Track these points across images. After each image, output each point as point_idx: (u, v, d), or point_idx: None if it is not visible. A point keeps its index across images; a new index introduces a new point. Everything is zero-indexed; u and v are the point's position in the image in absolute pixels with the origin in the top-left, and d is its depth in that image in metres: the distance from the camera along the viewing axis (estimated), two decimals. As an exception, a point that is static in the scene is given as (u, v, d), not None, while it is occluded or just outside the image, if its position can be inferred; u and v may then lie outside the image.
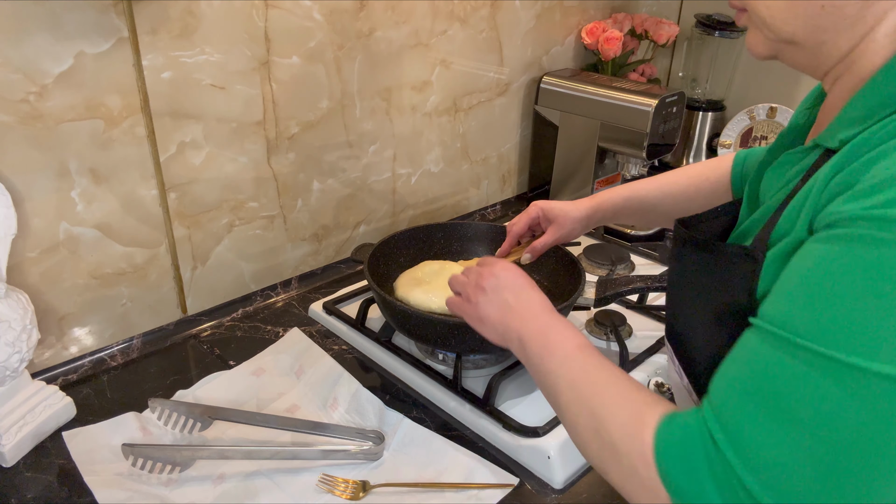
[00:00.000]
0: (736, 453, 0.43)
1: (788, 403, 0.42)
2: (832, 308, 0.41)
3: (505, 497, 0.76)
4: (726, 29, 1.52)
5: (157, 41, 0.89)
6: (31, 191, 0.85)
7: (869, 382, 0.40)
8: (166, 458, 0.77)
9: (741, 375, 0.45)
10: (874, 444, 0.40)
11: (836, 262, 0.42)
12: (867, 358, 0.39)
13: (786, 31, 0.51)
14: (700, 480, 0.45)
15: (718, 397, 0.46)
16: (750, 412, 0.44)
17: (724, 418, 0.45)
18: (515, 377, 0.93)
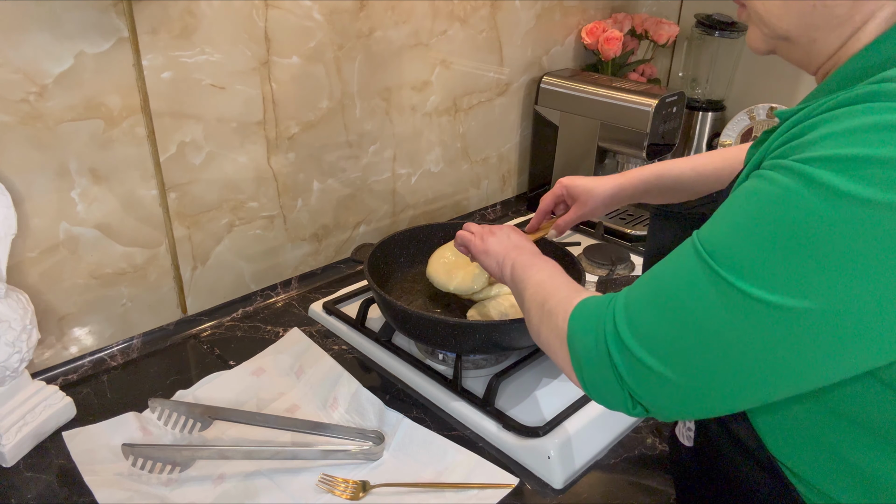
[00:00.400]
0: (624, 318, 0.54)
1: (679, 297, 0.51)
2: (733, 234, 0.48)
3: (505, 497, 0.76)
4: (726, 29, 1.52)
5: (157, 41, 0.89)
6: (31, 191, 0.85)
7: (747, 303, 0.46)
8: (166, 458, 0.77)
9: (661, 269, 0.54)
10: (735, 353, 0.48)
11: (749, 195, 0.48)
12: (754, 284, 0.46)
13: (780, 28, 0.54)
14: (587, 327, 0.57)
15: (638, 281, 0.56)
16: (649, 293, 0.53)
17: (630, 294, 0.55)
18: (515, 377, 0.93)
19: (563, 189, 0.96)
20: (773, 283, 0.45)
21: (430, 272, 1.03)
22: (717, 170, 0.89)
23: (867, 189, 0.41)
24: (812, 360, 0.46)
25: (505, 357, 0.96)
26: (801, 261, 0.44)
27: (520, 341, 0.90)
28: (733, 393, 0.50)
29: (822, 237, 0.43)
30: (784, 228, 0.45)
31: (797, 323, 0.45)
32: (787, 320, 0.45)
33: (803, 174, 0.44)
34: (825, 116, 0.46)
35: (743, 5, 0.58)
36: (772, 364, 0.47)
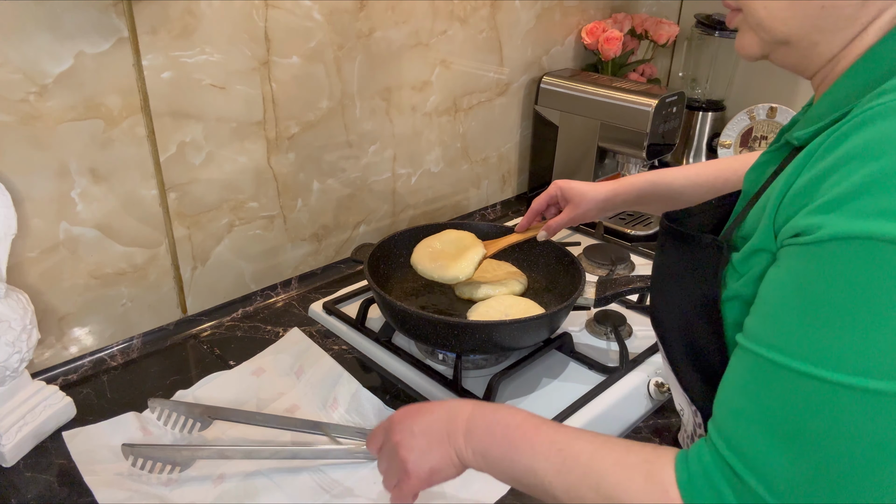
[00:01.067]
0: (757, 479, 0.44)
1: (791, 423, 0.43)
2: (816, 326, 0.42)
3: (505, 496, 0.76)
4: (726, 29, 1.52)
5: (157, 41, 0.89)
6: (31, 191, 0.85)
7: (856, 397, 0.41)
8: (166, 458, 0.77)
9: (742, 401, 0.46)
10: (874, 454, 0.41)
11: (813, 282, 0.43)
12: (852, 374, 0.41)
13: (782, 32, 0.51)
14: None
15: (726, 427, 0.47)
16: (759, 438, 0.45)
17: (737, 448, 0.46)
18: (515, 377, 0.93)
19: (558, 190, 0.95)
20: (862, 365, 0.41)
21: (415, 260, 1.00)
22: (710, 180, 0.88)
23: None
24: None
25: (505, 357, 0.96)
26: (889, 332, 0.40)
27: (520, 341, 0.90)
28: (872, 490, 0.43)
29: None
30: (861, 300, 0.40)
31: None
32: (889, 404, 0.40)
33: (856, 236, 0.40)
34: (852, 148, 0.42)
35: (737, 9, 0.54)
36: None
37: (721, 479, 0.46)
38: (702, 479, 0.47)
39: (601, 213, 0.94)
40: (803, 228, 0.44)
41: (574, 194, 0.93)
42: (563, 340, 0.97)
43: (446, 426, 0.59)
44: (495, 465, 0.57)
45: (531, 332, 0.89)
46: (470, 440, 0.58)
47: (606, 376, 0.92)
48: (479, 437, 0.58)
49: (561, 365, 0.96)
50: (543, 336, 0.92)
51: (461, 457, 0.59)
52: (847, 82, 0.49)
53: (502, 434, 0.56)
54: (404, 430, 0.61)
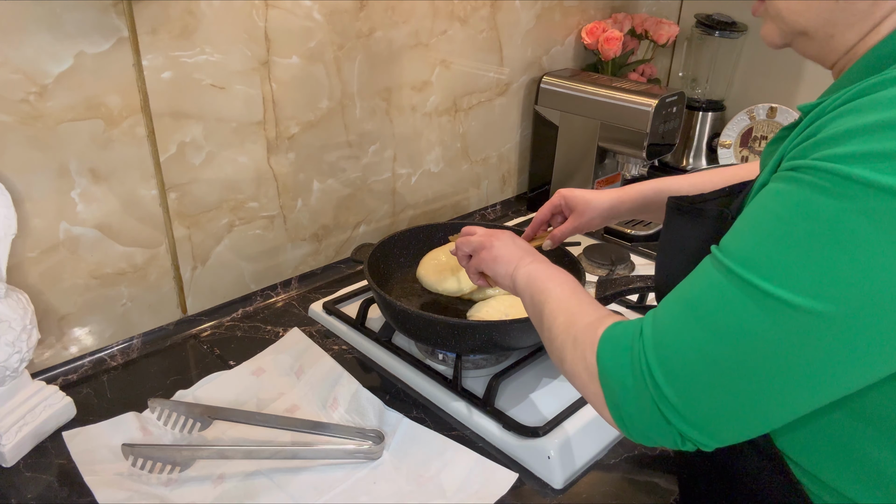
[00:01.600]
0: (653, 344, 0.51)
1: (707, 311, 0.49)
2: (758, 238, 0.47)
3: (505, 496, 0.76)
4: (726, 29, 1.52)
5: (157, 41, 0.89)
6: (31, 191, 0.85)
7: (774, 307, 0.45)
8: (166, 458, 0.77)
9: (686, 285, 0.52)
10: (771, 364, 0.46)
11: (773, 197, 0.48)
12: (783, 288, 0.45)
13: (799, 24, 0.55)
14: (620, 364, 0.53)
15: (662, 303, 0.54)
16: (675, 313, 0.51)
17: (657, 317, 0.53)
18: (515, 377, 0.93)
19: (562, 199, 0.95)
20: (810, 287, 0.44)
21: (421, 273, 1.04)
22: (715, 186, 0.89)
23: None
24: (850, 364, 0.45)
25: (505, 357, 0.96)
26: (838, 263, 0.43)
27: (520, 341, 0.90)
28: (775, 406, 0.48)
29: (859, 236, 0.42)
30: (819, 228, 0.44)
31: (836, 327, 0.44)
32: (818, 323, 0.44)
33: (835, 173, 0.43)
34: (848, 107, 0.46)
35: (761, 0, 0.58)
36: (808, 369, 0.46)
37: (629, 335, 0.54)
38: (619, 329, 0.56)
39: (606, 221, 0.94)
40: (789, 163, 0.48)
41: (578, 203, 0.93)
42: (563, 340, 0.96)
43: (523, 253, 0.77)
44: (532, 285, 0.71)
45: (531, 332, 0.89)
46: (534, 263, 0.75)
47: (606, 376, 0.91)
48: (538, 267, 0.74)
49: (561, 365, 0.96)
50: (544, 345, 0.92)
51: (517, 271, 0.75)
52: (857, 66, 0.52)
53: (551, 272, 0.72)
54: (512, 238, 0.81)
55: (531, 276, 0.72)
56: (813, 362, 0.45)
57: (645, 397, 0.51)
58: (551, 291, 0.68)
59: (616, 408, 0.54)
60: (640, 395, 0.52)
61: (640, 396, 0.52)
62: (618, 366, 0.54)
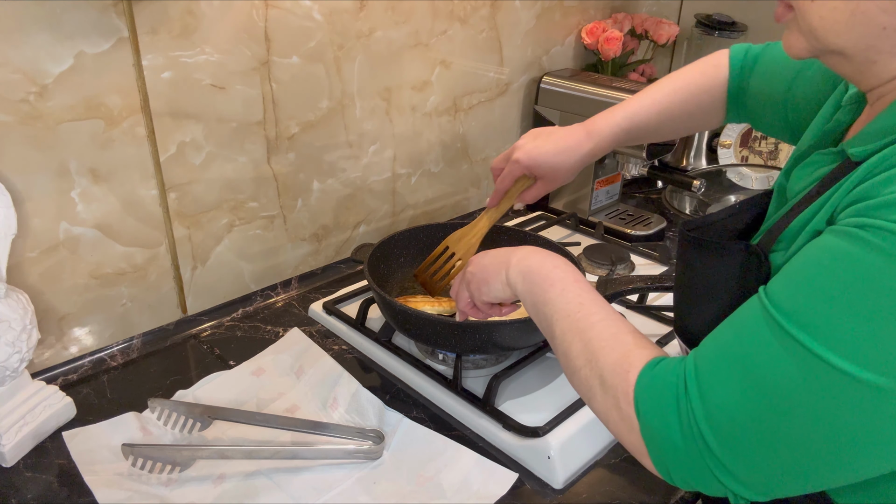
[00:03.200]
0: (700, 401, 0.48)
1: (757, 370, 0.46)
2: (819, 301, 0.44)
3: (505, 496, 0.76)
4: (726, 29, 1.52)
5: (157, 41, 0.89)
6: (31, 191, 0.85)
7: (833, 377, 0.43)
8: (166, 458, 0.77)
9: (728, 337, 0.49)
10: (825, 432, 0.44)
11: (837, 258, 0.44)
12: (845, 358, 0.42)
13: (835, 44, 0.49)
14: (667, 420, 0.50)
15: (703, 352, 0.51)
16: (723, 369, 0.48)
17: (700, 370, 0.49)
18: (515, 377, 0.93)
19: (524, 170, 0.88)
20: (864, 356, 0.42)
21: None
22: (683, 107, 0.85)
23: None
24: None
25: (505, 357, 0.96)
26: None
27: (520, 341, 0.90)
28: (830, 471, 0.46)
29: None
30: (887, 300, 0.41)
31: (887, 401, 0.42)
32: (877, 397, 0.42)
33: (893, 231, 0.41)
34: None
35: (788, 6, 0.51)
36: (862, 441, 0.43)
37: (671, 389, 0.50)
38: (658, 381, 0.51)
39: (578, 172, 0.89)
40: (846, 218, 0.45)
41: (546, 172, 0.87)
42: (563, 340, 0.96)
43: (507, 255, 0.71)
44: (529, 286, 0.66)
45: (531, 332, 0.89)
46: (520, 263, 0.69)
47: (606, 376, 0.91)
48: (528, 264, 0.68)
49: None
50: (543, 336, 0.92)
51: (509, 272, 0.70)
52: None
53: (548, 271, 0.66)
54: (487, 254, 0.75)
55: (526, 277, 0.68)
56: (870, 433, 0.43)
57: (695, 456, 0.49)
58: (556, 304, 0.62)
59: (662, 463, 0.51)
60: (690, 454, 0.49)
61: (689, 455, 0.49)
62: (665, 425, 0.50)
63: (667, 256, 1.27)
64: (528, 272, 0.68)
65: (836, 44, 0.49)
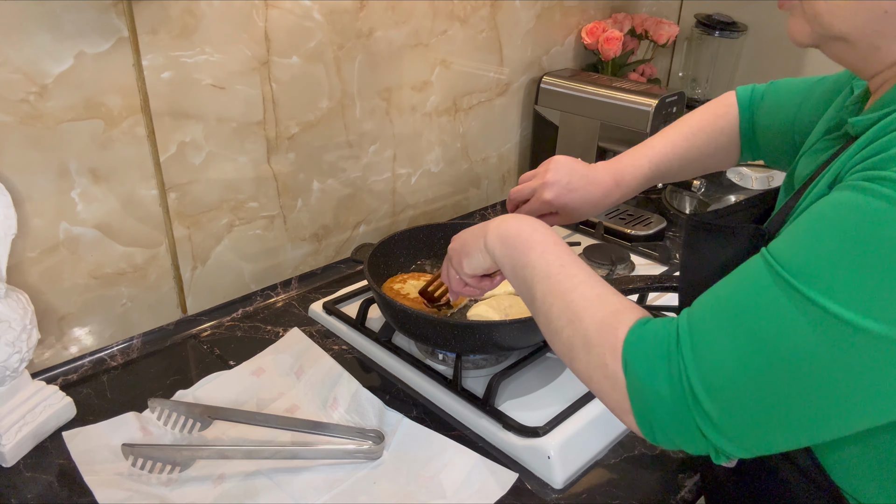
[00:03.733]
0: (692, 353, 0.47)
1: (755, 324, 0.45)
2: (823, 252, 0.43)
3: (505, 496, 0.76)
4: (726, 29, 1.52)
5: (157, 41, 0.89)
6: (31, 191, 0.85)
7: (837, 328, 0.42)
8: (166, 458, 0.77)
9: (726, 293, 0.49)
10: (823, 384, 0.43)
11: (841, 209, 0.44)
12: (846, 307, 0.42)
13: (839, 30, 0.50)
14: (655, 373, 0.49)
15: (698, 304, 0.50)
16: (717, 321, 0.47)
17: (694, 323, 0.49)
18: (515, 377, 0.93)
19: (552, 209, 0.89)
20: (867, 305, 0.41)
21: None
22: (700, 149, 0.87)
23: None
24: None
25: (505, 357, 0.96)
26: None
27: (520, 341, 0.90)
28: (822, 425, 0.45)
29: None
30: (886, 245, 0.40)
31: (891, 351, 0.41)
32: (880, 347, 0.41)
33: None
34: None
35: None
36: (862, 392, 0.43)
37: (662, 344, 0.49)
38: (649, 335, 0.51)
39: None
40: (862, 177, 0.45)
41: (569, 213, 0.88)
42: (563, 340, 0.96)
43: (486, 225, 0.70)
44: (508, 250, 0.65)
45: (531, 332, 0.89)
46: (498, 228, 0.68)
47: (606, 376, 0.91)
48: (507, 227, 0.67)
49: (561, 365, 0.96)
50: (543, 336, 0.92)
51: (486, 239, 0.69)
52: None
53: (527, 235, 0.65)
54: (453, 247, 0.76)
55: (503, 242, 0.66)
56: (869, 385, 0.43)
57: (682, 411, 0.48)
58: (536, 266, 0.61)
59: (646, 419, 0.50)
60: (677, 408, 0.48)
61: (677, 410, 0.48)
62: (652, 378, 0.49)
63: (667, 256, 1.27)
64: (506, 237, 0.66)
65: (840, 29, 0.49)
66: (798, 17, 0.53)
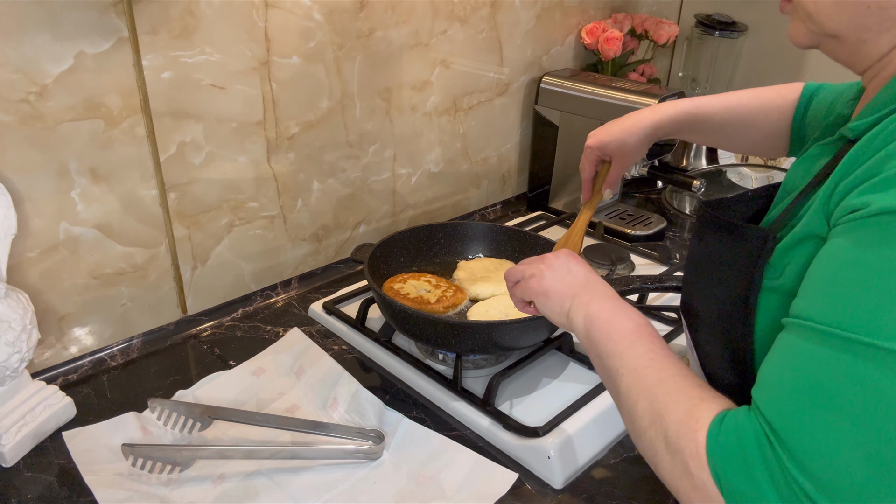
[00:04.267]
0: (789, 453, 0.44)
1: (835, 395, 0.42)
2: (870, 298, 0.42)
3: (505, 496, 0.76)
4: (726, 29, 1.52)
5: (157, 41, 0.89)
6: (31, 191, 0.85)
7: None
8: (166, 458, 0.77)
9: (788, 374, 0.46)
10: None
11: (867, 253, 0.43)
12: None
13: (829, 27, 0.52)
14: (756, 482, 0.45)
15: (766, 399, 0.47)
16: (799, 409, 0.44)
17: (775, 418, 0.45)
18: (515, 377, 0.93)
19: (597, 152, 0.90)
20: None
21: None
22: (751, 113, 0.86)
23: None
24: None
25: (505, 357, 0.96)
26: None
27: (520, 341, 0.90)
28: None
29: None
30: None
31: None
32: None
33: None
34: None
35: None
36: None
37: (753, 447, 0.45)
38: (733, 439, 0.46)
39: (647, 149, 0.90)
40: (857, 205, 0.44)
41: (614, 150, 0.89)
42: (562, 340, 0.97)
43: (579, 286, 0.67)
44: (594, 334, 0.62)
45: (531, 332, 0.89)
46: (592, 303, 0.64)
47: (606, 376, 0.91)
48: (598, 307, 0.64)
49: (561, 365, 0.96)
50: (543, 336, 0.92)
51: (572, 310, 0.66)
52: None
53: (620, 322, 0.61)
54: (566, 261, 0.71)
55: (591, 323, 0.63)
56: None
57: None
58: (622, 357, 0.58)
59: None
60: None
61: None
62: (754, 487, 0.45)
63: (667, 256, 1.27)
64: (595, 319, 0.63)
65: (831, 26, 0.52)
66: (795, 21, 0.55)
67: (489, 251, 1.15)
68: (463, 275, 1.08)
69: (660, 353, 0.57)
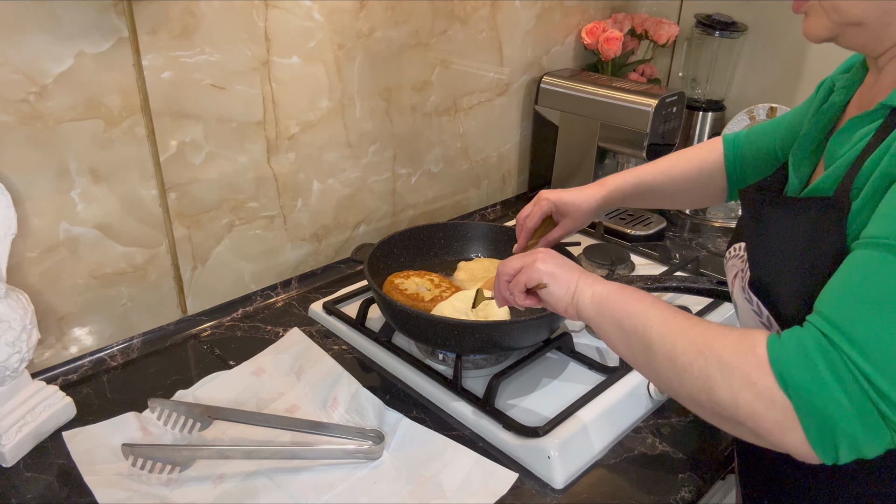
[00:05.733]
0: (854, 347, 0.48)
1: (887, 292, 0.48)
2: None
3: (505, 496, 0.76)
4: (726, 29, 1.52)
5: (157, 41, 0.89)
6: (31, 191, 0.85)
7: None
8: (166, 458, 0.77)
9: (850, 283, 0.50)
10: None
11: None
12: None
13: (856, 15, 0.57)
14: (822, 378, 0.48)
15: (828, 306, 0.51)
16: (861, 310, 0.49)
17: (838, 321, 0.49)
18: (515, 377, 0.93)
19: (551, 206, 0.96)
20: None
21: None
22: (685, 172, 0.94)
23: None
24: None
25: (505, 357, 0.96)
26: None
27: (520, 341, 0.90)
28: None
29: None
30: None
31: None
32: None
33: None
34: None
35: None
36: None
37: (814, 347, 0.49)
38: (793, 346, 0.50)
39: (593, 219, 0.98)
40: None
41: (570, 209, 0.95)
42: (562, 340, 0.97)
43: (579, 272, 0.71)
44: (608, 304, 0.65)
45: (531, 332, 0.89)
46: (596, 284, 0.68)
47: (606, 376, 0.92)
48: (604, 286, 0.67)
49: (561, 365, 0.96)
50: (543, 336, 0.92)
51: (579, 290, 0.69)
52: None
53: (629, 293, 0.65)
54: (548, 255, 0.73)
55: (603, 297, 0.66)
56: None
57: (865, 407, 0.47)
58: (647, 314, 0.61)
59: (823, 429, 0.49)
60: (860, 407, 0.47)
61: (860, 409, 0.48)
62: (821, 384, 0.48)
63: (667, 256, 1.27)
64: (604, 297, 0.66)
65: (857, 14, 0.57)
66: (815, 15, 0.59)
67: (489, 251, 1.15)
68: (463, 275, 1.08)
69: (676, 309, 0.61)
